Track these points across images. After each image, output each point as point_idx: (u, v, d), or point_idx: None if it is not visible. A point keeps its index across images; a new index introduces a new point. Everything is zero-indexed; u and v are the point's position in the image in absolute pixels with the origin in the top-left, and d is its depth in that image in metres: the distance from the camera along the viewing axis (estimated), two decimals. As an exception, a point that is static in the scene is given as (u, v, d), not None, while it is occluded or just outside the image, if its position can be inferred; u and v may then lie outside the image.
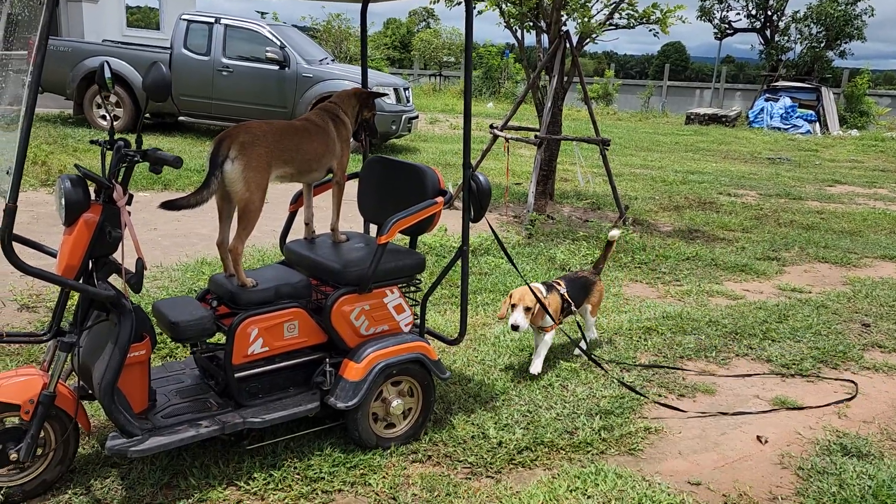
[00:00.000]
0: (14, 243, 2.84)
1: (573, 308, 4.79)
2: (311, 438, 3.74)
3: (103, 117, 12.93)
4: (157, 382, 3.56)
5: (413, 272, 3.89)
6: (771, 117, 24.85)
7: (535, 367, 4.60)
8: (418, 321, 4.05)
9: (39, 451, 3.13)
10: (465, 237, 3.90)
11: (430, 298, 4.19)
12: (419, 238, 4.18)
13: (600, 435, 3.98)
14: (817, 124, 24.55)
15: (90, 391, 3.38)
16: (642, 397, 4.45)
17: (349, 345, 3.67)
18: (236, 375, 3.44)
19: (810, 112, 24.90)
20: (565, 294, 4.70)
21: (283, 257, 4.14)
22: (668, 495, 3.43)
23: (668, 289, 6.86)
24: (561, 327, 4.99)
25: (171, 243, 7.14)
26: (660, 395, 4.57)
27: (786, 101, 25.01)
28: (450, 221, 8.36)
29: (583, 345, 5.04)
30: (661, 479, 3.59)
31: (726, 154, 17.93)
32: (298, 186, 4.18)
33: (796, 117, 24.70)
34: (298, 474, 3.45)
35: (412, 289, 4.00)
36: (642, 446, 3.93)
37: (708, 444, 4.03)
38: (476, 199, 3.86)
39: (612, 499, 3.35)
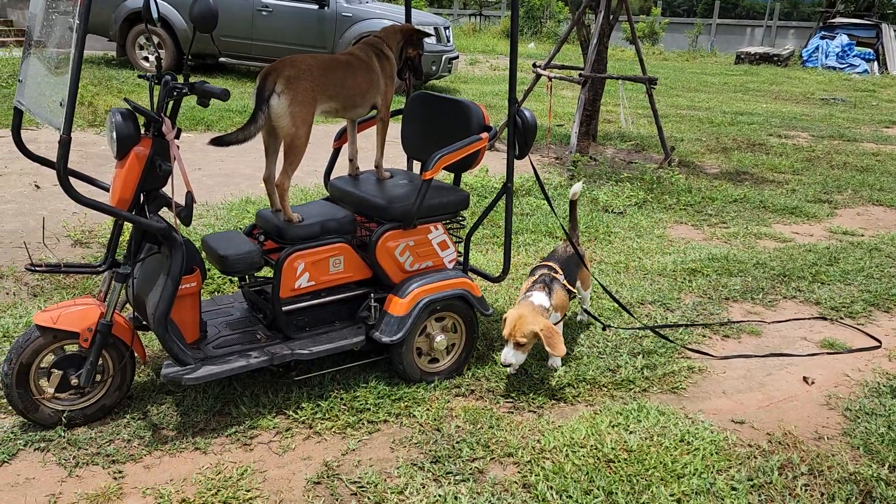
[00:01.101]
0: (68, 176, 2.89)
1: (574, 291, 4.13)
2: (357, 371, 3.82)
3: (146, 58, 12.99)
4: (207, 315, 3.65)
5: (457, 209, 3.88)
6: (826, 56, 23.86)
7: (554, 362, 4.00)
8: (461, 258, 4.05)
9: (98, 378, 3.26)
10: (510, 174, 3.86)
11: (471, 238, 4.18)
12: (461, 177, 4.15)
13: (643, 373, 3.98)
14: (875, 63, 23.50)
15: (144, 322, 3.49)
16: (671, 343, 4.42)
17: (394, 280, 3.70)
18: (283, 309, 3.51)
19: (868, 50, 23.81)
20: (566, 283, 3.96)
21: (328, 194, 4.16)
22: (712, 433, 3.43)
23: (715, 231, 6.74)
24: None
25: (215, 183, 7.22)
26: (704, 336, 4.53)
27: (843, 38, 23.94)
28: (491, 162, 8.29)
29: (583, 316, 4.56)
30: (705, 418, 3.59)
31: (777, 95, 17.32)
32: (342, 124, 4.17)
33: (853, 56, 23.66)
34: (345, 405, 3.53)
35: (456, 226, 3.99)
36: (685, 385, 3.92)
37: (753, 384, 4.00)
38: (521, 135, 3.80)
39: (654, 435, 3.37)
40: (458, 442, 3.27)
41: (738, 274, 5.57)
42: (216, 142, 3.31)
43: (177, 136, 3.14)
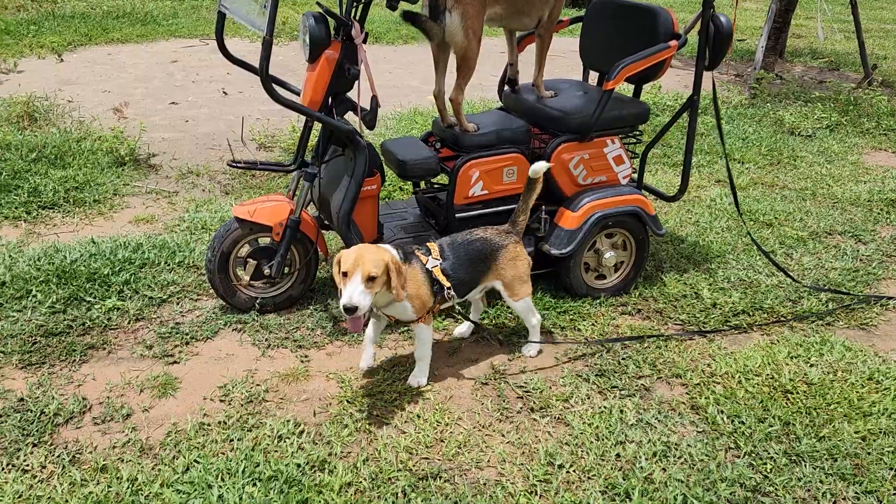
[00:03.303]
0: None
1: (453, 294, 2.96)
2: (523, 282, 3.86)
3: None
4: (383, 217, 3.80)
5: (636, 122, 3.73)
6: None
7: (416, 378, 3.03)
8: (636, 174, 3.92)
9: (287, 270, 3.52)
10: (697, 86, 3.63)
11: (648, 154, 4.01)
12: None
13: (827, 306, 3.72)
14: None
15: (327, 223, 3.70)
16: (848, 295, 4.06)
17: (566, 193, 3.66)
18: (456, 215, 3.57)
19: None
20: (439, 269, 2.92)
21: (502, 104, 4.13)
22: (904, 374, 3.18)
23: (919, 159, 6.06)
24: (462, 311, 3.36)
25: (384, 93, 7.37)
26: (900, 272, 4.14)
27: None
28: (663, 79, 7.84)
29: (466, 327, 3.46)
30: (897, 358, 3.33)
31: None
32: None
33: None
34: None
35: (633, 140, 3.84)
36: (876, 322, 3.63)
37: (956, 327, 3.64)
38: (713, 44, 3.55)
39: (838, 370, 3.17)
40: (623, 359, 3.25)
41: (945, 208, 5.00)
42: (408, 17, 3.31)
43: (364, 41, 3.21)
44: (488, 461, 2.61)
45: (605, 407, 2.90)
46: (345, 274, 2.58)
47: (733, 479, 2.48)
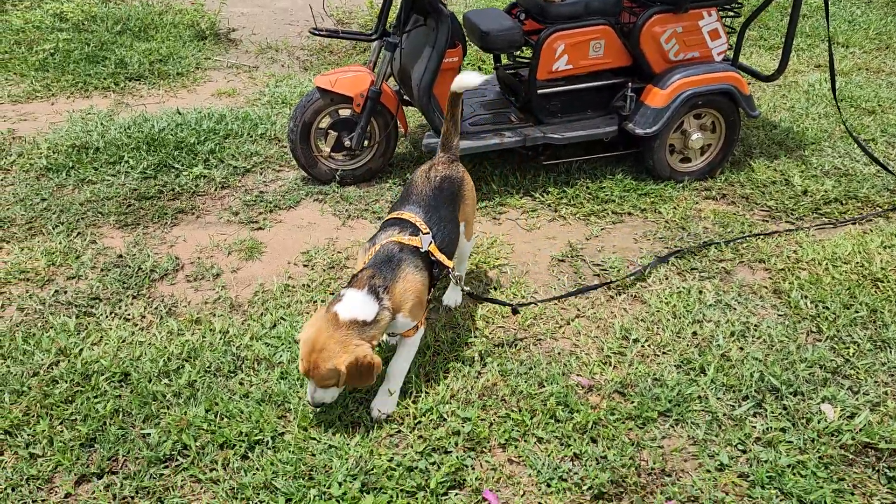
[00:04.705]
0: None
1: (459, 275, 2.68)
2: (604, 164, 3.77)
3: None
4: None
5: (736, -7, 3.48)
6: None
7: (383, 405, 2.24)
8: (731, 51, 3.70)
9: (366, 143, 3.53)
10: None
11: (746, 29, 3.76)
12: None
13: (928, 198, 3.53)
14: None
15: (407, 98, 3.66)
16: None
17: (655, 70, 3.49)
18: (539, 91, 3.48)
19: None
20: (434, 246, 2.30)
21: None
22: None
23: None
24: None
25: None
26: None
27: None
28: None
29: (457, 297, 2.78)
30: None
31: None
32: None
33: None
34: (590, 194, 3.54)
35: (731, 14, 3.60)
36: (982, 215, 3.43)
37: None
38: None
39: (934, 261, 3.03)
40: (704, 241, 3.18)
41: None
42: None
43: None
44: (563, 333, 2.64)
45: (683, 287, 2.88)
46: (307, 373, 2.08)
47: (813, 360, 2.44)
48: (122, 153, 3.76)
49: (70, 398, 2.29)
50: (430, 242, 2.27)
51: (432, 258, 2.27)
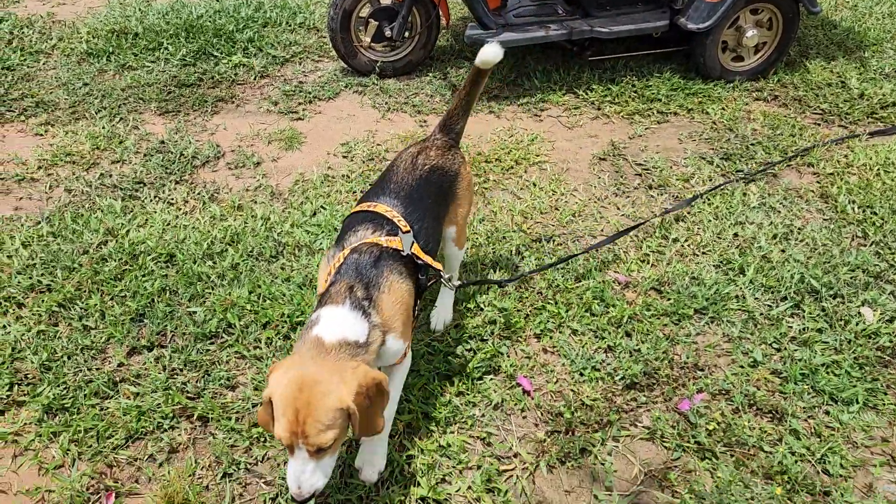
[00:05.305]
0: None
1: (452, 280, 2.01)
2: (651, 61, 3.64)
3: None
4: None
5: None
6: None
7: (372, 467, 1.73)
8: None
9: (407, 34, 3.44)
10: None
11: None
12: None
13: None
14: None
15: (448, -16, 3.53)
16: None
17: (712, -40, 3.31)
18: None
19: None
20: (418, 247, 1.83)
21: None
22: None
23: None
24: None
25: None
26: None
27: None
28: None
29: (447, 315, 2.21)
30: None
31: None
32: None
33: None
34: (636, 92, 3.44)
35: None
36: None
37: None
38: None
39: None
40: (752, 144, 3.09)
41: None
42: None
43: None
44: (602, 230, 2.63)
45: (727, 189, 2.82)
46: (290, 444, 1.46)
47: (856, 264, 2.41)
48: (161, 39, 3.73)
49: (119, 276, 2.36)
50: (413, 243, 1.80)
51: (418, 261, 1.80)
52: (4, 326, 2.18)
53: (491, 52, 2.00)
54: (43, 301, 2.25)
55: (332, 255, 1.77)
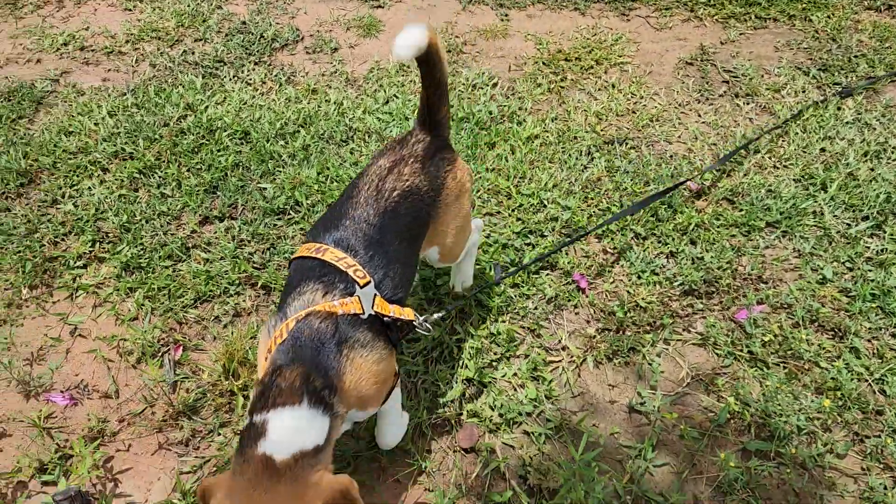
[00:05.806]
0: None
1: (425, 323, 1.57)
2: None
3: None
4: None
5: None
6: None
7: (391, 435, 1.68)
8: None
9: (495, -79, 3.30)
10: None
11: None
12: None
13: None
14: None
15: None
16: None
17: None
18: None
19: None
20: (381, 299, 1.49)
21: None
22: None
23: None
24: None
25: None
26: None
27: None
28: None
29: (465, 279, 1.97)
30: None
31: None
32: None
33: None
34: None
35: None
36: None
37: None
38: None
39: None
40: (855, 56, 2.87)
41: None
42: None
43: None
44: (679, 137, 2.53)
45: (818, 101, 2.65)
46: None
47: (952, 189, 2.26)
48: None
49: (196, 149, 2.45)
50: (374, 296, 1.46)
51: (384, 318, 1.47)
52: (90, 188, 2.31)
53: (414, 36, 1.47)
54: (125, 167, 2.36)
55: (273, 325, 1.42)
